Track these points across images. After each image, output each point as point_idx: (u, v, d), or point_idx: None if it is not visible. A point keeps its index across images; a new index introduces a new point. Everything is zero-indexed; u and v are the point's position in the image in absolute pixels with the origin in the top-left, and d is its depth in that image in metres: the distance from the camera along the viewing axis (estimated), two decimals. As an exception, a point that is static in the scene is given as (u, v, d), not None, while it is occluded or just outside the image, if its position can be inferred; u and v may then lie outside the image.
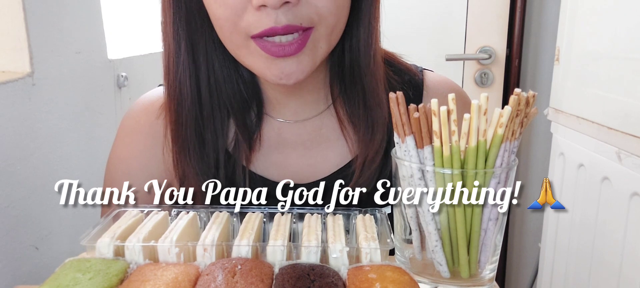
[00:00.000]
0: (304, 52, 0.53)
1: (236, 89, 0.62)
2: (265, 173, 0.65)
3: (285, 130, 0.66)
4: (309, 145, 0.66)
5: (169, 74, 0.60)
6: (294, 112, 0.66)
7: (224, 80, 0.61)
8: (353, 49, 0.61)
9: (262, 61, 0.53)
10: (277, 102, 0.65)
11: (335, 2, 0.53)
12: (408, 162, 0.42)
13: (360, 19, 0.60)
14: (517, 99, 0.39)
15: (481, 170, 0.40)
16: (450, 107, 0.40)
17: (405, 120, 0.41)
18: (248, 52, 0.54)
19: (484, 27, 1.59)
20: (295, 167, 0.66)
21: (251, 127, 0.64)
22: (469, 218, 0.42)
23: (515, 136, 0.41)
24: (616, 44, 1.05)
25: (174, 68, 0.59)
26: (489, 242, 0.43)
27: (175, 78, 0.59)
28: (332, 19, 0.53)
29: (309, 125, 0.66)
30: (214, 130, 0.62)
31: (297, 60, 0.53)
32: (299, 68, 0.53)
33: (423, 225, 0.43)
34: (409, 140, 0.42)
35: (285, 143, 0.66)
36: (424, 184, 0.42)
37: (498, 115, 0.39)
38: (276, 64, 0.53)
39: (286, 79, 0.53)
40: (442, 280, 0.44)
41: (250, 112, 0.64)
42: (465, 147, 0.41)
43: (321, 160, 0.66)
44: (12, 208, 0.86)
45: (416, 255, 0.45)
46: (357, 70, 0.61)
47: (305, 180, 0.65)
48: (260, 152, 0.66)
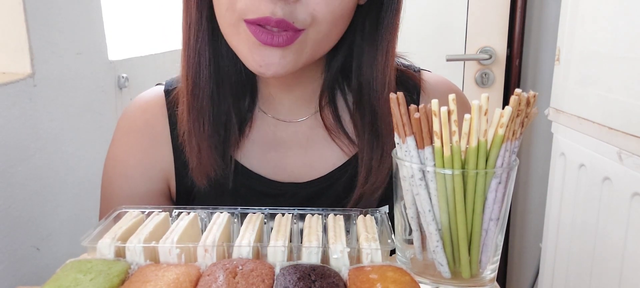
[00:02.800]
0: (290, 48, 0.53)
1: (237, 71, 0.63)
2: (261, 171, 0.65)
3: (281, 129, 0.66)
4: (305, 144, 0.66)
5: (189, 43, 0.60)
6: (289, 111, 0.66)
7: (228, 60, 0.62)
8: (364, 72, 0.61)
9: (247, 46, 0.54)
10: (273, 99, 0.66)
11: (332, 11, 0.53)
12: (409, 162, 0.42)
13: (377, 44, 0.60)
14: (518, 99, 0.39)
15: (482, 171, 0.40)
16: (451, 108, 0.40)
17: (405, 121, 0.41)
18: (236, 32, 0.54)
19: (484, 27, 1.60)
20: (291, 167, 0.66)
21: (243, 112, 0.65)
22: (469, 219, 0.42)
23: (516, 136, 0.41)
24: (617, 43, 1.05)
25: (194, 36, 0.60)
26: (490, 242, 0.43)
27: (195, 47, 0.60)
28: (325, 26, 0.53)
29: (305, 124, 0.66)
30: (223, 107, 0.63)
31: (281, 53, 0.53)
32: (281, 62, 0.53)
33: (424, 225, 0.43)
34: (409, 141, 0.42)
35: (281, 141, 0.66)
36: (424, 185, 0.42)
37: (499, 116, 0.39)
38: (260, 52, 0.53)
39: (266, 68, 0.54)
40: (443, 280, 0.44)
41: (244, 99, 0.65)
42: (466, 147, 0.41)
43: (317, 160, 0.66)
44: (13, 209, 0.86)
45: (417, 256, 0.45)
46: (367, 94, 0.62)
47: (302, 179, 0.65)
48: (256, 149, 0.66)
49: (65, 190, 1.00)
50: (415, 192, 0.42)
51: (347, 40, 0.61)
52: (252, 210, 0.53)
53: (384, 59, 0.60)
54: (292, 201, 0.65)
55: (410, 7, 1.66)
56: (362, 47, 0.61)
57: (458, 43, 1.64)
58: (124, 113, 0.70)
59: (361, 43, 0.61)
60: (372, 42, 0.60)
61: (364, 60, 0.61)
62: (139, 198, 0.67)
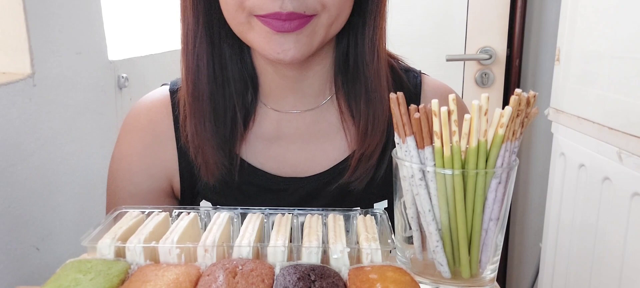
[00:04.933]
0: (303, 32, 0.55)
1: (239, 68, 0.64)
2: (263, 166, 0.66)
3: (284, 123, 0.67)
4: (307, 138, 0.67)
5: (187, 48, 0.62)
6: (293, 104, 0.66)
7: (229, 58, 0.63)
8: (358, 44, 0.63)
9: (263, 36, 0.55)
10: (276, 93, 0.66)
11: None
12: (409, 162, 0.42)
13: (366, 15, 0.61)
14: (518, 99, 0.39)
15: (482, 171, 0.40)
16: (451, 108, 0.40)
17: (406, 121, 0.41)
18: (250, 28, 0.56)
19: (484, 27, 1.59)
20: (293, 161, 0.66)
21: (247, 107, 0.66)
22: (469, 219, 0.42)
23: (515, 136, 0.41)
24: (617, 43, 1.05)
25: (192, 41, 0.61)
26: (490, 242, 0.43)
27: (193, 52, 0.62)
28: (334, 9, 0.55)
29: (307, 118, 0.67)
30: (226, 105, 0.63)
31: (295, 38, 0.55)
32: (296, 46, 0.55)
33: (424, 225, 0.43)
34: (409, 141, 0.42)
35: (283, 135, 0.66)
36: (424, 185, 0.42)
37: (499, 116, 0.39)
38: (276, 39, 0.55)
39: (283, 54, 0.55)
40: (443, 280, 0.44)
41: (247, 94, 0.66)
42: (466, 147, 0.41)
43: (319, 154, 0.66)
44: (13, 208, 0.86)
45: (417, 256, 0.45)
46: (361, 65, 0.63)
47: (304, 173, 0.66)
48: (259, 144, 0.66)
49: (65, 190, 1.00)
50: (415, 192, 0.42)
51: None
52: (252, 210, 0.53)
53: (373, 29, 0.62)
54: (294, 196, 0.66)
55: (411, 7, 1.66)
56: (356, 22, 0.62)
57: (458, 43, 1.64)
58: (130, 112, 0.71)
59: (356, 18, 0.62)
60: (362, 14, 0.62)
61: (358, 34, 0.63)
62: (142, 196, 0.68)
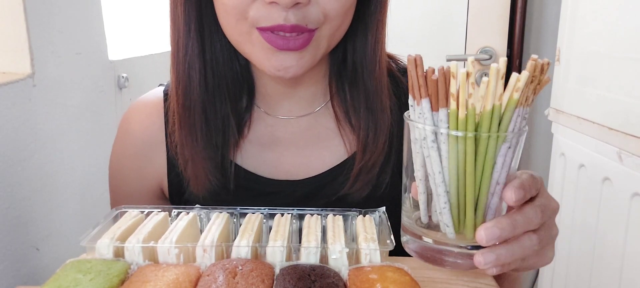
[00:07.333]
0: (307, 49, 0.54)
1: (234, 72, 0.62)
2: (258, 171, 0.65)
3: (279, 128, 0.66)
4: (302, 144, 0.66)
5: (178, 56, 0.60)
6: (289, 110, 0.66)
7: (223, 63, 0.61)
8: (357, 50, 0.61)
9: (263, 52, 0.54)
10: (271, 97, 0.65)
11: (342, 5, 0.53)
12: (422, 124, 0.42)
13: (367, 23, 0.60)
14: (534, 64, 0.40)
15: (494, 134, 0.41)
16: (469, 70, 0.40)
17: (422, 83, 0.41)
18: (249, 41, 0.54)
19: (484, 27, 1.59)
20: (288, 166, 0.65)
21: (241, 113, 0.65)
22: (478, 181, 0.42)
23: (528, 102, 0.42)
24: (617, 44, 1.05)
25: (183, 50, 0.59)
26: (494, 205, 0.43)
27: (184, 60, 0.59)
28: (337, 20, 0.54)
29: (303, 122, 0.66)
30: (220, 113, 0.62)
31: (298, 55, 0.54)
32: (299, 63, 0.54)
33: (432, 187, 0.43)
34: (424, 103, 0.42)
35: (278, 140, 0.66)
36: (436, 147, 0.42)
37: (515, 80, 0.40)
38: (277, 56, 0.53)
39: (284, 72, 0.54)
40: (446, 240, 0.44)
41: (242, 99, 0.65)
42: (480, 111, 0.41)
43: (315, 159, 0.65)
44: (12, 209, 0.86)
45: (422, 218, 0.45)
46: (361, 72, 0.62)
47: (298, 177, 0.65)
48: (253, 148, 0.65)
49: (65, 190, 1.00)
50: (426, 154, 0.43)
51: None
52: (251, 210, 0.53)
53: (374, 37, 0.61)
54: (287, 199, 0.65)
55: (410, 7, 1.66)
56: (355, 27, 0.61)
57: (458, 43, 1.64)
58: (125, 113, 0.71)
59: (355, 24, 0.61)
60: (362, 20, 0.61)
61: (357, 40, 0.62)
62: (136, 196, 0.68)
